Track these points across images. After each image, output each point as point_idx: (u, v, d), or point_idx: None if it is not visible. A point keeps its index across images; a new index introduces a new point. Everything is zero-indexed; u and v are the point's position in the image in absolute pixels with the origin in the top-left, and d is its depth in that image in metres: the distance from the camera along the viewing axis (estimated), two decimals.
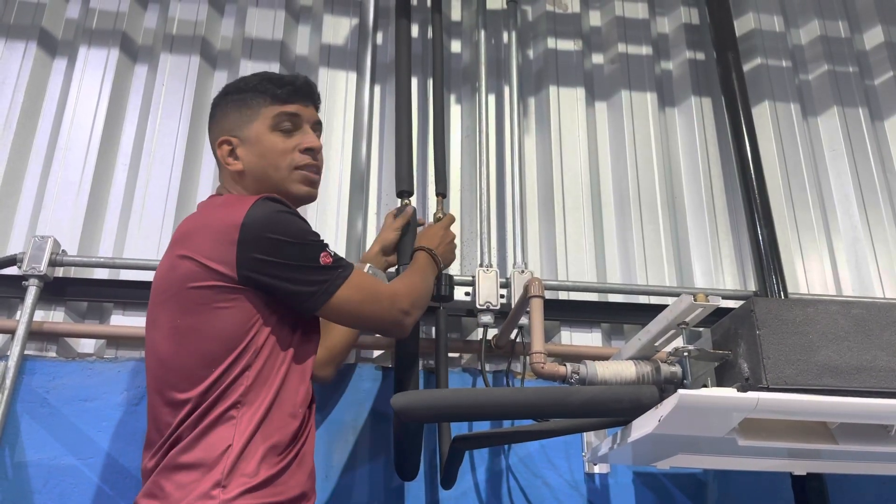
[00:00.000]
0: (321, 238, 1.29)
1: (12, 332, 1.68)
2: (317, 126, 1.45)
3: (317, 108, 1.46)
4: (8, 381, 1.61)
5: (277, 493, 1.15)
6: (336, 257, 1.29)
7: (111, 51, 2.12)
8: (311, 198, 1.42)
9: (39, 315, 1.75)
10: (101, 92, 2.06)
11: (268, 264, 1.20)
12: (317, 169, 1.41)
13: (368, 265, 1.63)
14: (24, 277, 1.70)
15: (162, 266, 1.29)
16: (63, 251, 1.78)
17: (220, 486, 1.11)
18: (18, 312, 1.70)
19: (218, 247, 1.20)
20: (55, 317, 1.79)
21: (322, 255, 1.26)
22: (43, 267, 1.70)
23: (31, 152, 1.98)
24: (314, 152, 1.40)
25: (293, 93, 1.39)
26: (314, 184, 1.41)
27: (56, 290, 1.78)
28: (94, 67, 2.10)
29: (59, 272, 1.79)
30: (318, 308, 1.26)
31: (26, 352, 1.68)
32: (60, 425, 1.64)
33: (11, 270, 1.74)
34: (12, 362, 1.62)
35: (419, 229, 1.77)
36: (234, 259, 1.19)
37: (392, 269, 1.72)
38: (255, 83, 1.39)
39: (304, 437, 1.24)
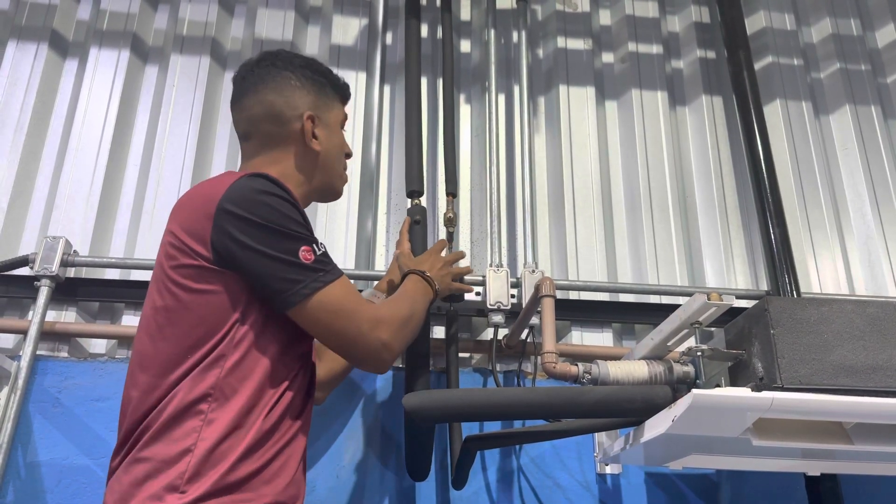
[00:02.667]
0: (311, 233, 1.17)
1: (24, 332, 1.68)
2: None
3: None
4: (20, 381, 1.62)
5: (243, 501, 1.03)
6: (321, 258, 1.15)
7: (122, 52, 2.13)
8: (338, 198, 1.46)
9: (51, 315, 1.76)
10: (112, 93, 2.07)
11: (241, 246, 1.09)
12: None
13: (383, 296, 1.56)
14: (36, 278, 1.71)
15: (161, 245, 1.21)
16: (75, 251, 1.79)
17: (176, 491, 1.00)
18: (30, 313, 1.71)
19: (195, 221, 1.12)
20: (67, 317, 1.80)
21: (303, 249, 1.13)
22: (55, 267, 1.71)
23: (43, 153, 1.99)
24: (349, 158, 1.46)
25: (347, 96, 1.45)
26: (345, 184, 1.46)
27: (68, 291, 1.79)
28: (105, 68, 2.10)
29: (71, 272, 1.80)
30: (287, 309, 1.13)
31: (38, 352, 1.69)
32: (72, 425, 1.65)
33: (23, 271, 1.75)
34: (24, 362, 1.63)
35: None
36: (209, 236, 1.10)
37: None
38: (329, 75, 1.40)
39: (288, 441, 1.13)
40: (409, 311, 1.30)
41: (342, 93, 1.42)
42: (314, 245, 1.15)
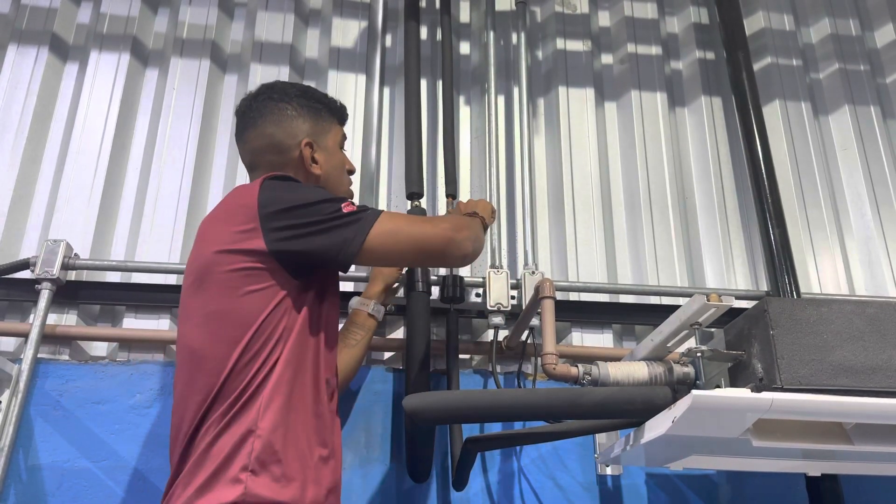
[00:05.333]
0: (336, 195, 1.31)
1: (25, 335, 1.69)
2: None
3: None
4: (21, 384, 1.62)
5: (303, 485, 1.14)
6: (361, 206, 1.29)
7: (122, 55, 2.13)
8: None
9: (52, 318, 1.76)
10: (113, 96, 2.08)
11: (294, 230, 1.21)
12: None
13: (373, 303, 1.62)
14: (37, 281, 1.71)
15: (191, 261, 1.31)
16: (75, 255, 1.79)
17: (247, 471, 1.10)
18: (31, 316, 1.71)
19: (240, 231, 1.22)
20: (68, 320, 1.80)
21: (343, 205, 1.26)
22: (56, 270, 1.71)
23: (44, 157, 2.00)
24: (352, 175, 1.54)
25: (345, 117, 1.53)
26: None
27: (69, 294, 1.79)
28: (106, 72, 2.11)
29: (72, 276, 1.80)
30: (358, 249, 1.24)
31: (39, 355, 1.69)
32: (73, 428, 1.65)
33: (24, 274, 1.75)
34: (26, 365, 1.63)
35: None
36: (262, 236, 1.21)
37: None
38: (325, 99, 1.49)
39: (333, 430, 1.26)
40: (462, 219, 1.40)
41: (339, 115, 1.50)
42: (350, 200, 1.29)
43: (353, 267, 1.91)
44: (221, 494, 1.09)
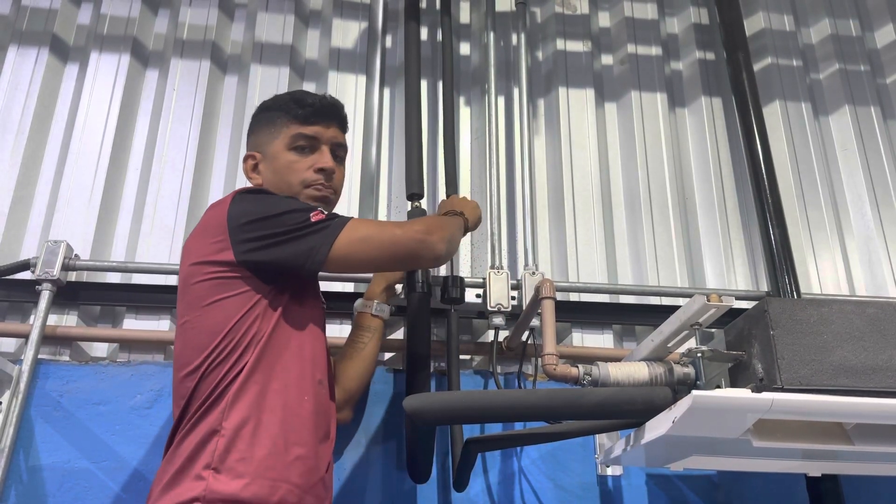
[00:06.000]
0: (309, 205, 1.33)
1: (26, 336, 1.69)
2: (338, 148, 1.49)
3: (343, 130, 1.50)
4: (22, 385, 1.62)
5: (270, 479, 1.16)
6: (331, 214, 1.30)
7: (122, 56, 2.13)
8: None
9: (53, 319, 1.76)
10: (113, 97, 2.08)
11: (260, 241, 1.24)
12: (327, 188, 1.44)
13: (375, 303, 1.62)
14: (38, 282, 1.71)
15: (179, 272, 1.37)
16: (76, 255, 1.79)
17: (210, 469, 1.13)
18: (32, 317, 1.71)
19: (212, 243, 1.27)
20: (68, 321, 1.80)
21: (312, 214, 1.27)
22: (56, 271, 1.71)
23: (44, 157, 2.00)
24: (326, 173, 1.44)
25: (313, 114, 1.45)
26: (324, 200, 1.43)
27: (69, 295, 1.79)
28: (106, 73, 2.11)
29: (72, 276, 1.80)
30: (324, 258, 1.25)
31: (40, 356, 1.69)
32: (74, 429, 1.65)
33: (25, 275, 1.76)
34: (26, 366, 1.63)
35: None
36: (231, 247, 1.24)
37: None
38: (283, 102, 1.47)
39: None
40: (437, 219, 1.45)
41: (293, 114, 1.45)
42: (319, 209, 1.29)
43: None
44: (184, 491, 1.12)
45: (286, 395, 1.23)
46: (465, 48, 2.31)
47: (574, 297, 1.97)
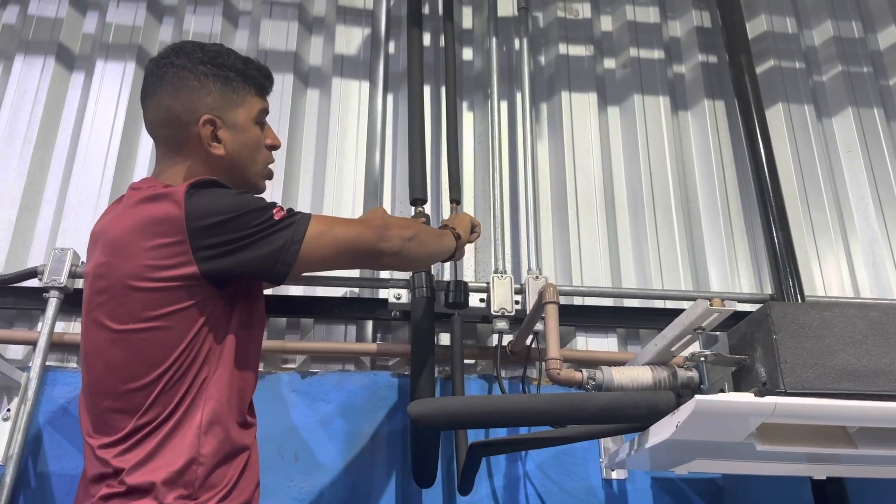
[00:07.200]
0: (265, 200, 1.20)
1: (34, 343, 1.70)
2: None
3: None
4: (30, 392, 1.63)
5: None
6: (290, 210, 1.21)
7: (128, 64, 2.15)
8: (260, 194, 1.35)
9: (60, 326, 1.77)
10: (119, 105, 2.09)
11: (225, 245, 1.13)
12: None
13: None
14: (45, 289, 1.73)
15: (96, 266, 1.20)
16: (83, 263, 1.80)
17: (187, 499, 1.08)
18: (40, 324, 1.73)
19: (165, 244, 1.12)
20: (76, 328, 1.81)
21: (274, 211, 1.17)
22: (63, 279, 1.73)
23: (51, 165, 2.01)
24: (275, 150, 1.39)
25: (270, 85, 1.37)
26: (269, 178, 1.39)
27: (76, 302, 1.78)
28: (112, 81, 2.13)
29: (80, 284, 1.81)
30: (294, 259, 1.16)
31: (48, 363, 1.71)
32: (82, 436, 1.66)
33: (32, 283, 1.77)
34: (34, 373, 1.65)
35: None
36: (191, 253, 1.11)
37: None
38: (241, 66, 1.30)
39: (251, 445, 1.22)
40: (415, 224, 1.39)
41: (256, 83, 1.32)
42: (277, 205, 1.19)
43: (356, 273, 1.94)
44: None
45: (242, 406, 1.20)
46: (467, 53, 2.32)
47: (578, 300, 1.97)
